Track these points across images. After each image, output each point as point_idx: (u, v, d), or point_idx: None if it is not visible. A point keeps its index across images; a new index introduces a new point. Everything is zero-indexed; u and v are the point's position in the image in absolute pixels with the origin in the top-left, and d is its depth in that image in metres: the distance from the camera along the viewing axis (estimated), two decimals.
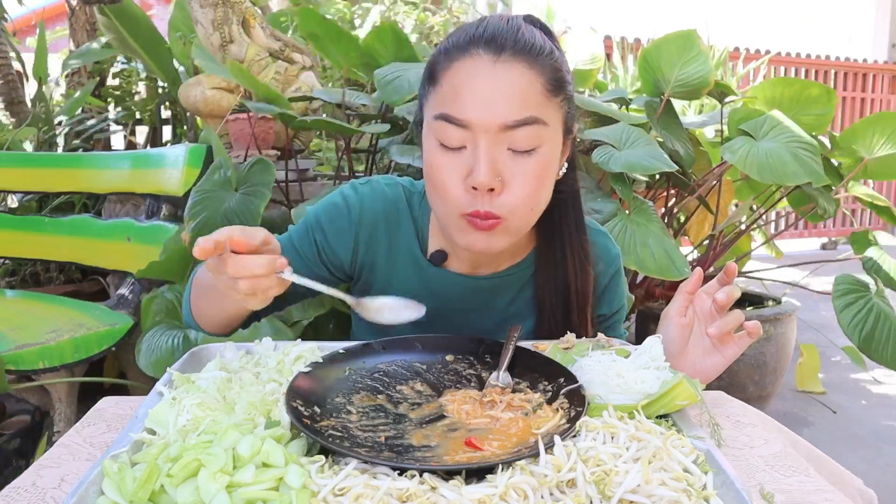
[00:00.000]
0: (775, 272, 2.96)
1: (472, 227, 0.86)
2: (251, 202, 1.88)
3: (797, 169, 1.96)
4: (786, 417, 2.77)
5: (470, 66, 0.84)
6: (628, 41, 4.78)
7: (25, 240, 2.43)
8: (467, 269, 1.02)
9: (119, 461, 0.59)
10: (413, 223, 1.03)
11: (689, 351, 0.89)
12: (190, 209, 1.90)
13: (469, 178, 0.83)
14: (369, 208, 1.01)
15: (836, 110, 6.28)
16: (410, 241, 1.02)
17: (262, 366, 0.81)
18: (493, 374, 0.79)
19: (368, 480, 0.56)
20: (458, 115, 0.83)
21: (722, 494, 0.57)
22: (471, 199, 0.84)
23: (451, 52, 0.86)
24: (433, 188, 0.88)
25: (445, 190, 0.86)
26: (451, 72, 0.85)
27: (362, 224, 1.01)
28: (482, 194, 0.84)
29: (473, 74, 0.83)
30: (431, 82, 0.88)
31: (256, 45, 2.57)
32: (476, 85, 0.83)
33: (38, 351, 1.73)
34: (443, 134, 0.85)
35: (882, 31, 6.71)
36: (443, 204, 0.88)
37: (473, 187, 0.83)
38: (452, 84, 0.85)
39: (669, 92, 2.35)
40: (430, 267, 1.02)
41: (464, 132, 0.83)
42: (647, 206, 2.03)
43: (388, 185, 1.04)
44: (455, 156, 0.85)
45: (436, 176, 0.87)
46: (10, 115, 3.30)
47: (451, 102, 0.84)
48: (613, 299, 1.10)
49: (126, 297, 2.14)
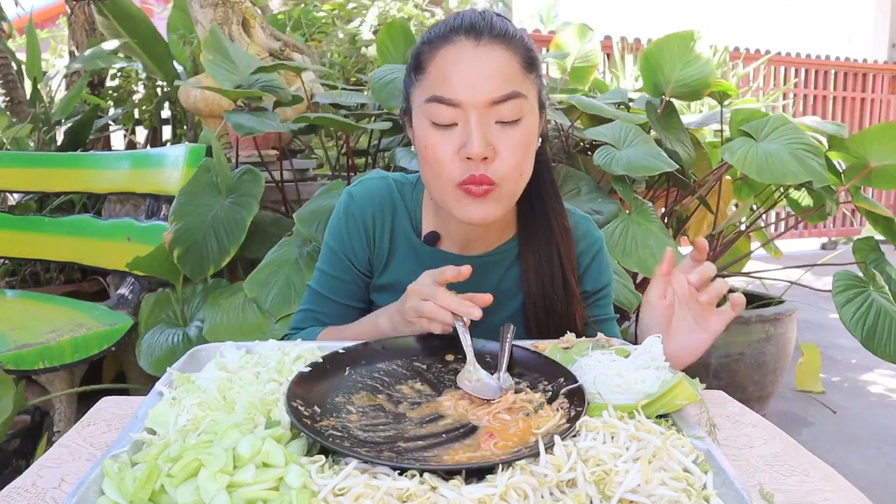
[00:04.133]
0: (775, 272, 2.96)
1: (468, 197, 0.94)
2: (238, 213, 1.89)
3: (797, 169, 1.96)
4: (786, 417, 2.77)
5: (454, 51, 0.93)
6: (628, 41, 4.78)
7: (25, 240, 2.43)
8: (459, 248, 1.10)
9: (119, 461, 0.59)
10: (406, 210, 1.12)
11: (673, 331, 0.90)
12: (175, 211, 1.90)
13: (463, 150, 0.92)
14: (368, 205, 1.11)
15: (836, 110, 6.33)
16: (405, 226, 1.11)
17: (262, 366, 0.81)
18: (494, 376, 0.79)
19: (368, 480, 0.56)
20: (449, 95, 0.91)
21: (722, 494, 0.57)
22: (465, 168, 0.93)
23: (435, 42, 0.95)
24: (429, 166, 0.96)
25: (441, 165, 0.94)
26: (437, 58, 0.94)
27: (366, 221, 1.11)
28: (476, 163, 0.92)
29: (458, 58, 0.92)
30: (417, 71, 0.97)
31: (256, 45, 2.57)
32: (462, 67, 0.92)
33: (38, 351, 1.73)
34: (435, 114, 0.93)
35: (882, 30, 6.71)
36: (439, 180, 0.95)
37: (468, 158, 0.91)
38: (440, 69, 0.93)
39: (670, 92, 2.34)
40: (424, 248, 1.11)
41: (455, 111, 0.92)
42: (648, 207, 2.03)
43: (379, 179, 1.13)
44: (448, 133, 0.93)
45: (431, 153, 0.94)
46: (11, 115, 3.30)
47: (440, 85, 0.92)
48: (599, 277, 1.15)
49: (126, 297, 2.14)
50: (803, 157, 1.99)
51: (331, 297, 1.14)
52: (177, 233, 1.86)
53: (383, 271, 1.13)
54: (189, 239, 1.87)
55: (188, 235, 1.88)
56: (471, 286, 1.07)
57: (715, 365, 2.51)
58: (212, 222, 1.89)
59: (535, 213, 1.09)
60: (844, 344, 3.54)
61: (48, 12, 5.81)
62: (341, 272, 1.13)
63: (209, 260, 1.87)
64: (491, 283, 1.10)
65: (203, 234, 1.88)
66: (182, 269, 1.89)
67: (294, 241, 1.87)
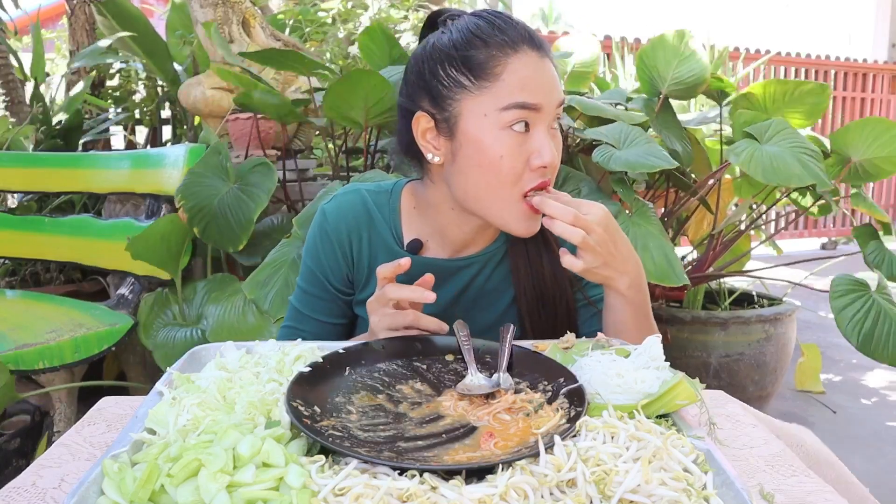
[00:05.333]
0: (775, 272, 2.96)
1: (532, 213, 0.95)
2: (247, 204, 1.88)
3: (801, 172, 1.96)
4: (786, 417, 2.75)
5: (527, 60, 0.95)
6: (628, 41, 4.78)
7: (25, 240, 2.43)
8: (450, 252, 1.10)
9: (119, 461, 0.59)
10: (384, 220, 1.10)
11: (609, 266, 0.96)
12: (182, 189, 1.89)
13: (537, 159, 0.93)
14: (341, 221, 1.10)
15: (836, 110, 6.33)
16: (385, 238, 1.10)
17: (262, 366, 0.81)
18: (494, 376, 0.79)
19: (368, 480, 0.56)
20: (533, 101, 0.93)
21: (722, 494, 0.57)
22: (533, 176, 0.95)
23: (504, 49, 0.94)
24: (495, 175, 0.95)
25: (515, 175, 0.94)
26: (512, 66, 0.94)
27: (341, 239, 1.10)
28: (545, 171, 0.95)
29: (534, 67, 0.95)
30: (485, 78, 0.95)
31: (256, 45, 2.57)
32: (539, 75, 0.95)
33: (38, 351, 1.73)
34: (517, 119, 0.93)
35: (882, 30, 6.70)
36: (505, 188, 0.95)
37: (543, 166, 0.94)
38: (518, 76, 0.94)
39: (666, 91, 2.36)
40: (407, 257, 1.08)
41: (534, 115, 0.94)
42: (648, 208, 2.03)
43: (352, 193, 1.12)
44: (521, 142, 0.94)
45: (505, 164, 0.94)
46: (11, 116, 3.30)
47: (520, 91, 0.93)
48: None
49: (126, 296, 2.15)
50: (805, 160, 2.00)
51: (311, 314, 1.14)
52: (191, 212, 1.86)
53: (366, 285, 1.12)
54: (206, 216, 1.87)
55: (202, 213, 1.87)
56: (460, 287, 1.09)
57: (715, 365, 2.51)
58: (219, 204, 1.88)
59: None
60: (844, 344, 3.51)
61: (51, 11, 5.80)
62: (319, 290, 1.13)
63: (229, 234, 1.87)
64: (479, 282, 1.10)
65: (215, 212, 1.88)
66: (207, 242, 1.91)
67: (293, 242, 1.88)
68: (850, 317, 1.90)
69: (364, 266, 1.11)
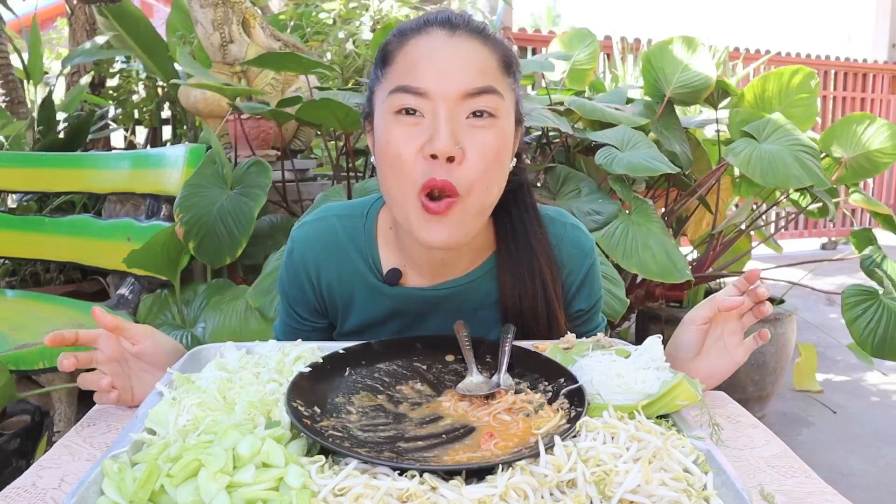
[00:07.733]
0: (775, 272, 2.96)
1: (428, 215, 0.84)
2: (246, 204, 1.88)
3: (799, 172, 1.97)
4: (786, 417, 2.77)
5: (426, 40, 0.85)
6: (628, 41, 4.78)
7: (25, 240, 2.43)
8: (427, 280, 1.00)
9: (119, 461, 0.59)
10: (358, 249, 1.01)
11: (704, 353, 0.89)
12: (180, 203, 1.90)
13: (428, 146, 0.82)
14: (308, 252, 1.03)
15: (837, 111, 6.33)
16: (360, 268, 1.01)
17: (262, 366, 0.81)
18: (494, 377, 0.79)
19: (368, 480, 0.56)
20: (417, 84, 0.83)
21: (722, 495, 0.57)
22: (428, 168, 0.83)
23: (406, 33, 0.87)
24: (389, 165, 0.85)
25: (402, 162, 0.83)
26: (407, 48, 0.86)
27: (307, 267, 1.03)
28: (441, 164, 0.82)
29: (430, 47, 0.85)
30: (384, 64, 0.88)
31: (256, 45, 2.57)
32: (433, 56, 0.84)
33: (38, 351, 1.72)
34: (400, 105, 0.84)
35: (882, 30, 6.70)
36: (400, 184, 0.85)
37: (433, 155, 0.82)
38: (409, 59, 0.85)
39: (671, 93, 2.36)
40: (386, 288, 1.01)
41: (422, 102, 0.83)
42: (648, 206, 2.03)
43: (320, 221, 1.03)
44: (411, 129, 0.83)
45: (391, 150, 0.84)
46: (11, 115, 3.30)
47: (407, 74, 0.84)
48: (591, 293, 1.08)
49: (126, 297, 2.14)
50: (804, 159, 2.00)
51: None
52: (187, 225, 1.86)
53: (346, 318, 1.05)
54: (201, 230, 1.88)
55: (199, 226, 1.88)
56: (448, 314, 0.99)
57: None
58: (218, 212, 1.88)
59: (515, 235, 1.00)
60: (846, 343, 3.54)
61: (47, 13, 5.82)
62: (292, 321, 1.09)
63: (225, 248, 1.87)
64: (468, 310, 1.01)
65: (212, 224, 1.88)
66: (201, 260, 1.90)
67: None
68: (863, 326, 1.91)
69: (337, 301, 1.03)
